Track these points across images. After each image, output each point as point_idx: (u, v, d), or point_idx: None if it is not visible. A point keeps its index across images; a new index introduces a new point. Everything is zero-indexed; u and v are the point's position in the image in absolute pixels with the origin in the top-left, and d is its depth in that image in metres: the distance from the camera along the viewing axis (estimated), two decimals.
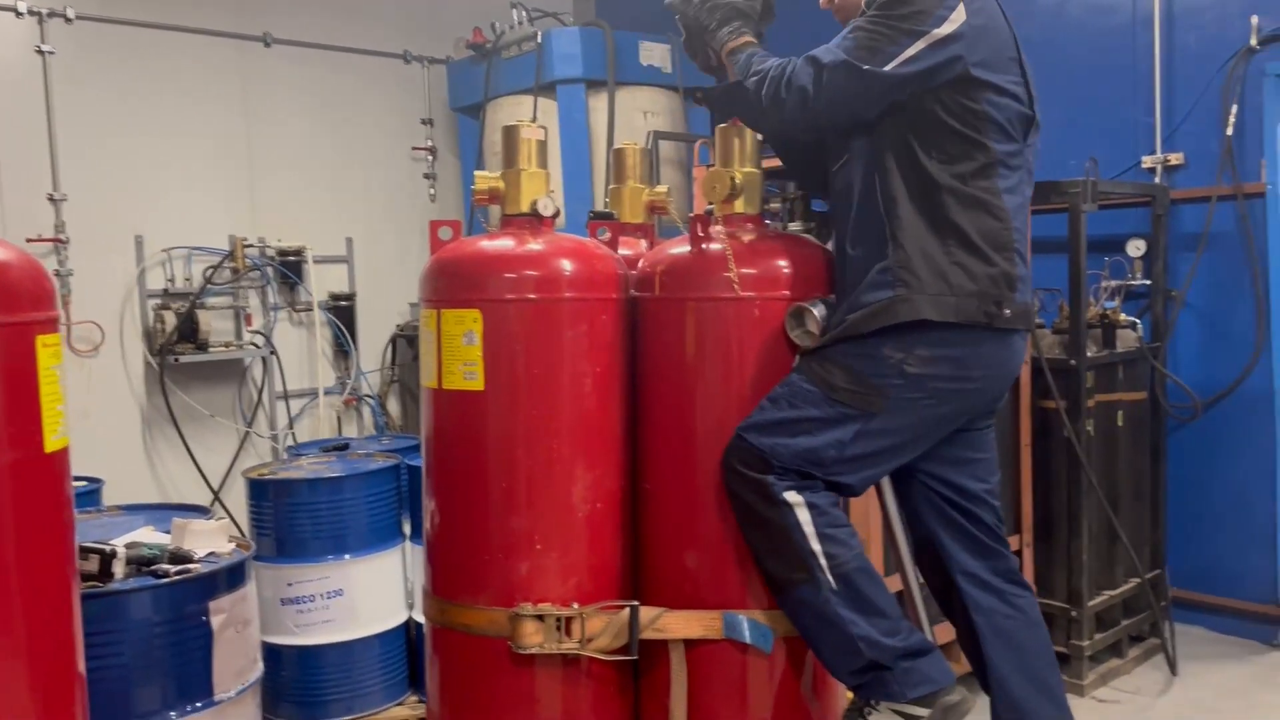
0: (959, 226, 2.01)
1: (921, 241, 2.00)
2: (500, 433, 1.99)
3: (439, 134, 6.21)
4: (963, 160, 2.02)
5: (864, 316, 2.01)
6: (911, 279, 1.99)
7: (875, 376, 2.01)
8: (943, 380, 2.02)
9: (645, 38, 5.47)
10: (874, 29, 2.00)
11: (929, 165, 2.03)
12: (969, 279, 2.00)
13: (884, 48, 1.99)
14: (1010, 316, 2.01)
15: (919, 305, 1.98)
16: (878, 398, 2.00)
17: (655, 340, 2.07)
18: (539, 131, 2.09)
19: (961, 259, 2.01)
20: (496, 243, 2.05)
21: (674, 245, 2.10)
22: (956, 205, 2.01)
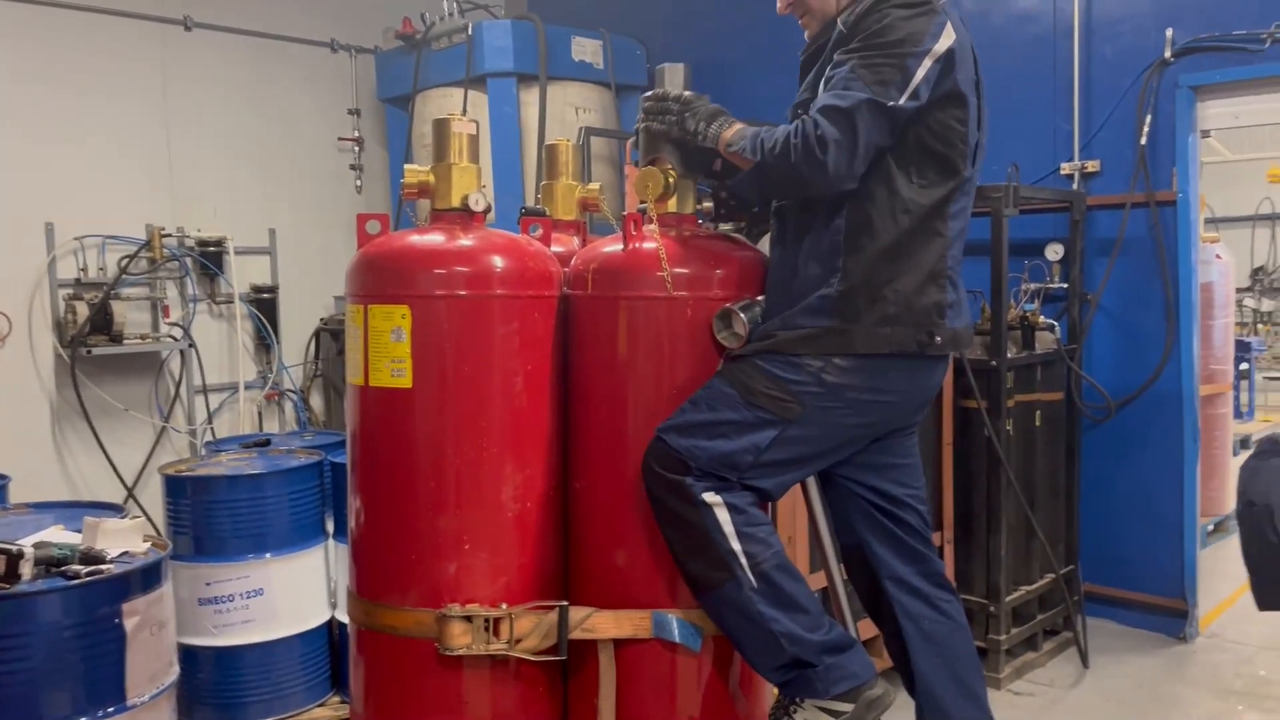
0: (911, 257, 2.03)
1: (870, 273, 2.01)
2: (429, 431, 1.96)
3: (366, 125, 6.11)
4: (938, 185, 2.05)
5: (796, 339, 2.02)
6: (850, 311, 2.01)
7: (794, 384, 2.01)
8: (861, 392, 2.04)
9: (578, 33, 5.45)
10: (877, 62, 1.98)
11: (905, 190, 2.04)
12: (906, 310, 2.02)
13: (894, 78, 1.97)
14: (940, 344, 2.04)
15: (853, 338, 2.01)
16: (795, 405, 2.01)
17: (587, 339, 2.06)
18: (470, 126, 2.06)
19: (904, 290, 2.02)
20: (426, 238, 2.02)
21: (607, 244, 2.09)
22: (918, 234, 2.04)
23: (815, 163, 1.96)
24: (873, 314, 2.01)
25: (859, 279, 2.01)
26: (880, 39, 1.99)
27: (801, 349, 2.01)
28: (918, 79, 1.98)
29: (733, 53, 5.61)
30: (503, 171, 5.20)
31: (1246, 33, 4.23)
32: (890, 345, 2.01)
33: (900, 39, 1.98)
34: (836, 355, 2.00)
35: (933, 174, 2.05)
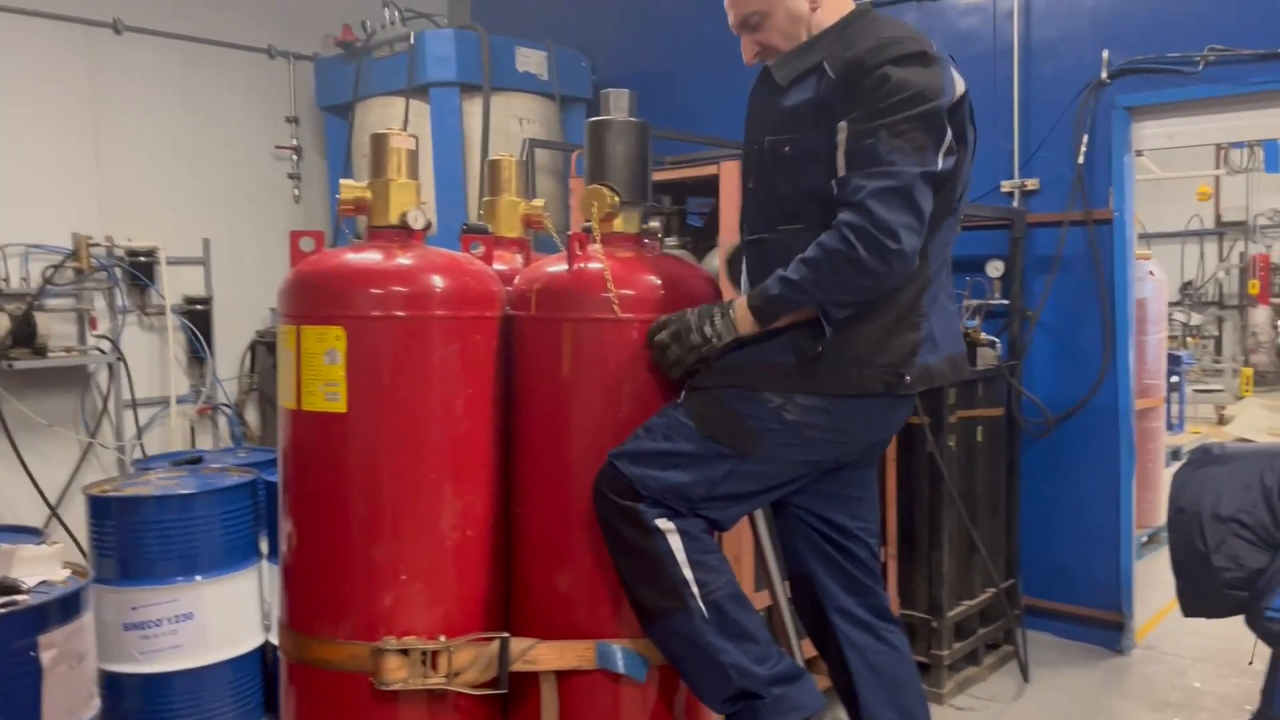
0: (891, 297, 1.97)
1: (847, 320, 1.94)
2: (363, 457, 1.88)
3: (305, 133, 5.99)
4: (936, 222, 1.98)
5: (761, 374, 1.96)
6: (814, 350, 1.95)
7: (752, 418, 1.96)
8: (821, 431, 1.99)
9: (522, 43, 5.39)
10: (906, 128, 1.87)
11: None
12: (877, 350, 1.97)
13: (927, 142, 1.88)
14: (910, 384, 1.98)
15: (820, 381, 1.95)
16: (753, 440, 1.96)
17: (530, 361, 2.00)
18: (410, 140, 2.00)
19: (873, 331, 1.97)
20: (363, 256, 1.95)
21: (551, 263, 2.04)
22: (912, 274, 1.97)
23: (890, 255, 1.84)
24: (841, 356, 1.95)
25: (840, 329, 1.94)
26: (895, 99, 1.88)
27: (764, 385, 1.96)
28: (949, 139, 1.92)
29: (678, 65, 5.60)
30: (445, 183, 5.12)
31: (1180, 55, 4.32)
32: (857, 387, 1.96)
33: (919, 97, 1.88)
34: (798, 393, 1.95)
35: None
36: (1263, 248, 12.82)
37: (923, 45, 1.95)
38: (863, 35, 1.97)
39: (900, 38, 1.95)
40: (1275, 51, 4.19)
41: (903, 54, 1.91)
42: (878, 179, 1.85)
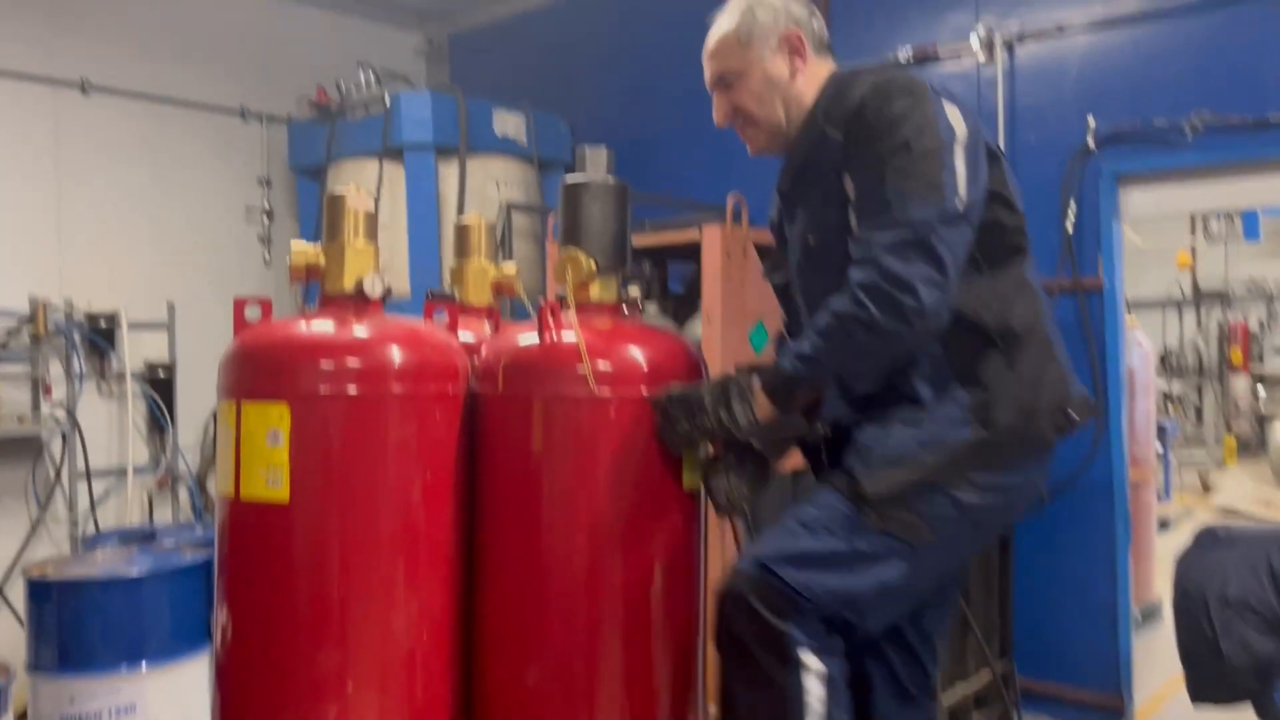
0: (1026, 340, 1.80)
1: (998, 366, 1.77)
2: (308, 552, 1.68)
3: (277, 195, 5.86)
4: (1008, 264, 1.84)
5: (942, 463, 1.74)
6: (997, 415, 1.76)
7: (928, 504, 1.74)
8: (995, 511, 1.81)
9: (500, 106, 5.31)
10: (908, 167, 1.71)
11: (984, 269, 1.80)
12: (1045, 391, 1.79)
13: (939, 175, 1.70)
14: (1076, 419, 1.82)
15: (1005, 446, 1.76)
16: (929, 530, 1.74)
17: (497, 442, 1.81)
18: (367, 201, 1.84)
19: (1030, 370, 1.79)
20: (313, 326, 1.77)
21: (521, 333, 1.87)
22: (1014, 315, 1.81)
23: (909, 312, 1.66)
24: (1014, 409, 1.76)
25: (993, 376, 1.77)
26: (898, 137, 1.72)
27: (959, 472, 1.75)
28: (960, 169, 1.73)
29: (659, 129, 5.52)
30: (419, 247, 4.99)
31: (1167, 121, 4.25)
32: (1033, 444, 1.79)
33: (925, 130, 1.72)
34: (981, 475, 1.76)
35: (997, 247, 1.84)
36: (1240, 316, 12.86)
37: (919, 81, 1.83)
38: (856, 86, 1.84)
39: (895, 76, 1.83)
40: (1265, 119, 4.14)
41: (900, 89, 1.78)
42: (890, 229, 1.69)
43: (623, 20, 5.86)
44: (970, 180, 1.74)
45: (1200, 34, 4.31)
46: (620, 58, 5.77)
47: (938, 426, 1.76)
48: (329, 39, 6.05)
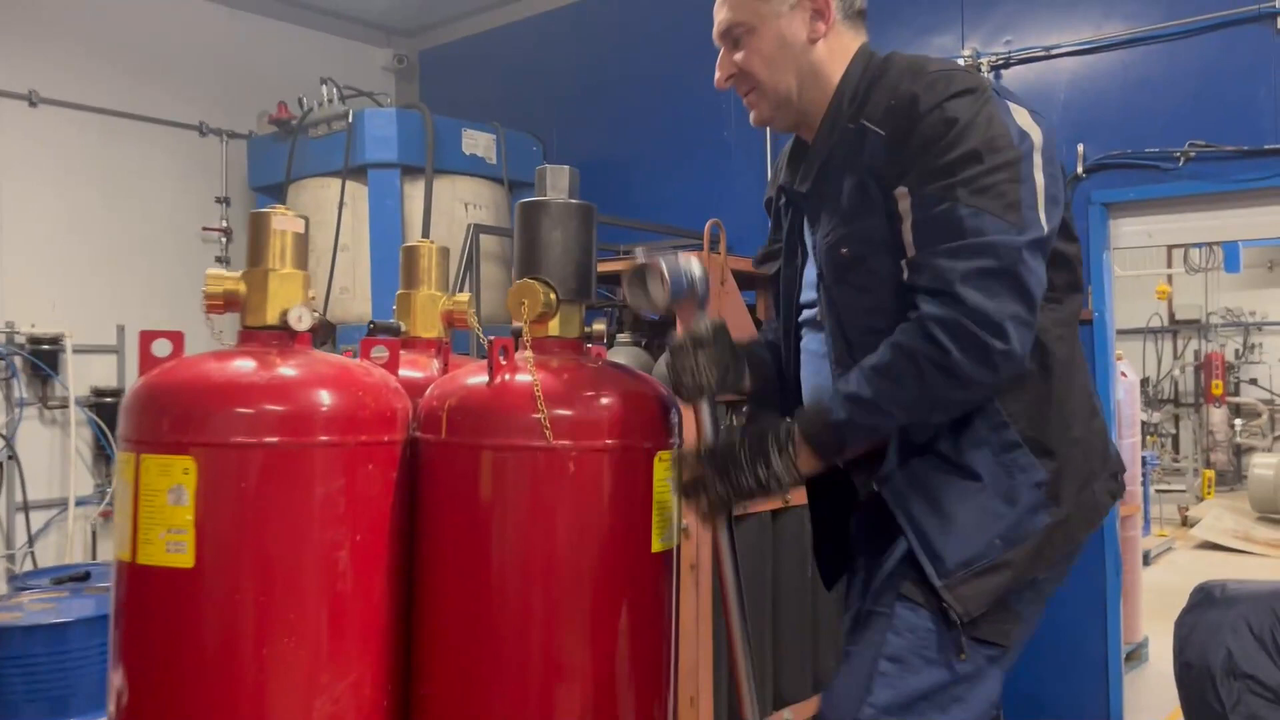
0: (1078, 392, 1.61)
1: (1059, 427, 1.57)
2: (215, 628, 1.44)
3: (236, 214, 5.62)
4: (1065, 301, 1.62)
5: (1029, 556, 1.53)
6: (1064, 491, 1.56)
7: (1017, 602, 1.55)
8: (1057, 581, 1.63)
9: (469, 125, 5.11)
10: (989, 183, 1.45)
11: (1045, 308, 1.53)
12: (1097, 459, 1.62)
13: (1018, 194, 1.46)
14: (1123, 485, 1.68)
15: (1074, 526, 1.56)
16: (1015, 624, 1.55)
17: (440, 497, 1.58)
18: (296, 222, 1.62)
19: (1083, 430, 1.60)
20: (228, 365, 1.54)
21: (469, 374, 1.64)
22: (1069, 363, 1.61)
23: (996, 356, 1.42)
24: (1076, 481, 1.57)
25: (1060, 446, 1.56)
26: (969, 146, 1.46)
27: (1042, 564, 1.56)
28: (1040, 182, 1.48)
29: (635, 152, 5.35)
30: (381, 270, 4.77)
31: (1159, 151, 4.12)
32: (1095, 513, 1.61)
33: (999, 141, 1.48)
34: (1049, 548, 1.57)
35: (1059, 285, 1.60)
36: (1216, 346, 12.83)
37: (979, 76, 1.60)
38: (899, 74, 1.58)
39: (951, 69, 1.57)
40: (1260, 149, 4.00)
41: (961, 85, 1.52)
42: (968, 257, 1.43)
43: (599, 40, 5.69)
44: (1051, 198, 1.51)
45: (1192, 60, 4.18)
46: (596, 78, 5.60)
47: (1012, 512, 1.54)
48: (296, 54, 5.85)
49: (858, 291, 1.61)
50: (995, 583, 1.52)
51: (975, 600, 1.51)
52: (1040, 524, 1.54)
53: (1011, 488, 1.54)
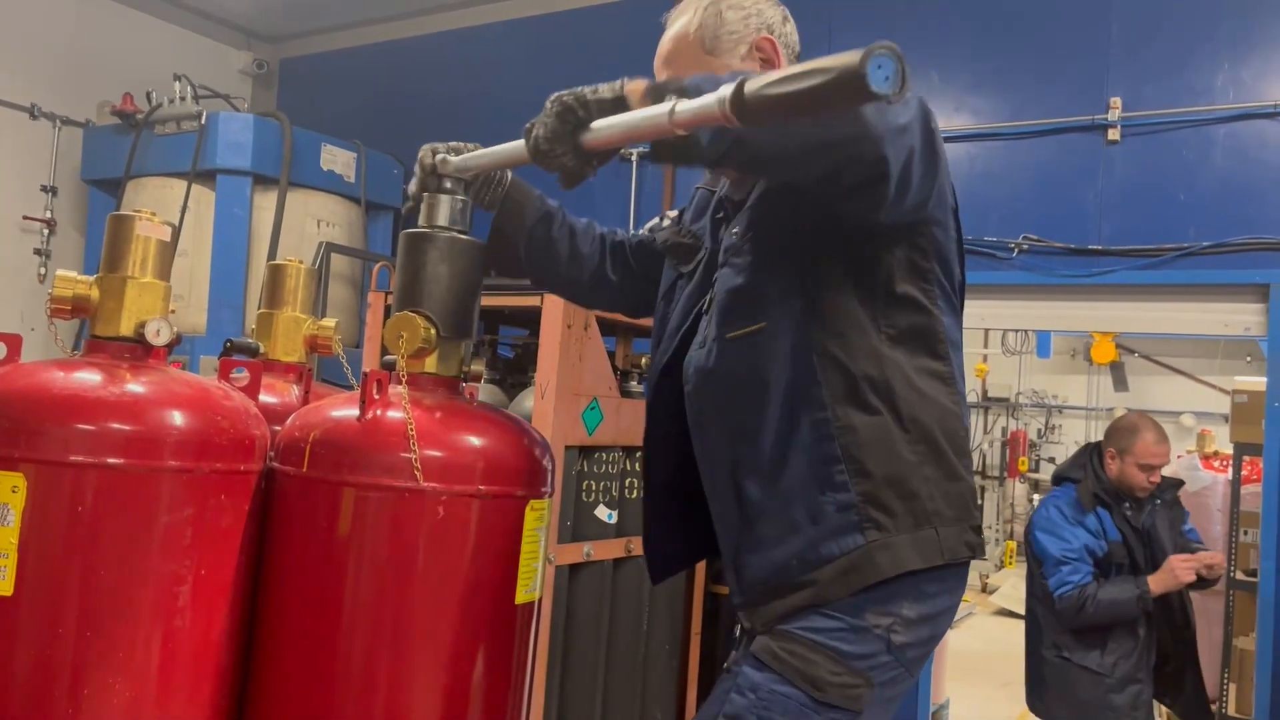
0: (925, 430, 1.54)
1: (888, 458, 1.52)
2: (31, 664, 1.30)
3: (63, 206, 5.25)
4: (914, 336, 1.56)
5: (835, 576, 1.49)
6: (883, 516, 1.50)
7: (863, 658, 1.49)
8: (920, 647, 1.55)
9: (330, 140, 4.96)
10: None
11: (878, 342, 1.52)
12: (945, 502, 1.54)
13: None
14: (981, 542, 1.62)
15: (900, 552, 1.49)
16: (867, 688, 1.48)
17: (294, 535, 1.48)
18: (163, 230, 1.51)
19: (932, 475, 1.53)
20: (73, 376, 1.41)
21: (337, 405, 1.56)
22: (916, 399, 1.55)
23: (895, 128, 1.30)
24: (909, 513, 1.52)
25: (878, 468, 1.52)
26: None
27: (852, 587, 1.49)
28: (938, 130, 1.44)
29: None
30: (223, 281, 4.54)
31: (996, 240, 4.39)
32: (944, 554, 1.54)
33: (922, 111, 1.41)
34: (904, 606, 1.51)
35: (902, 318, 1.54)
36: (1022, 424, 13.71)
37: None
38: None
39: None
40: (1084, 248, 4.33)
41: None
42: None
43: (471, 63, 5.64)
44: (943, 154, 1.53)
45: (1031, 159, 4.49)
46: (465, 103, 5.54)
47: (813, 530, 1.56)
48: (147, 45, 5.54)
49: (736, 271, 1.62)
50: (793, 605, 1.52)
51: (788, 626, 1.52)
52: (842, 548, 1.51)
53: (818, 505, 1.53)
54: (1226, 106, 4.19)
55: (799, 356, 1.55)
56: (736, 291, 1.61)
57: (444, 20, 5.78)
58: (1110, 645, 3.66)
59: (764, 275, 1.59)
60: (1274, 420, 4.13)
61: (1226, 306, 4.27)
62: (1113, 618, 3.62)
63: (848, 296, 1.55)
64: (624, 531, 3.23)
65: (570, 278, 1.90)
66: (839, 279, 1.55)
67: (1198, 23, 4.26)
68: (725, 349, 1.61)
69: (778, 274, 1.57)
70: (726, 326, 1.60)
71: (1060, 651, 3.72)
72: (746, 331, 1.58)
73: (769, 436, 1.56)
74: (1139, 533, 3.77)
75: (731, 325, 1.59)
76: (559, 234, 1.84)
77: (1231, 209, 4.16)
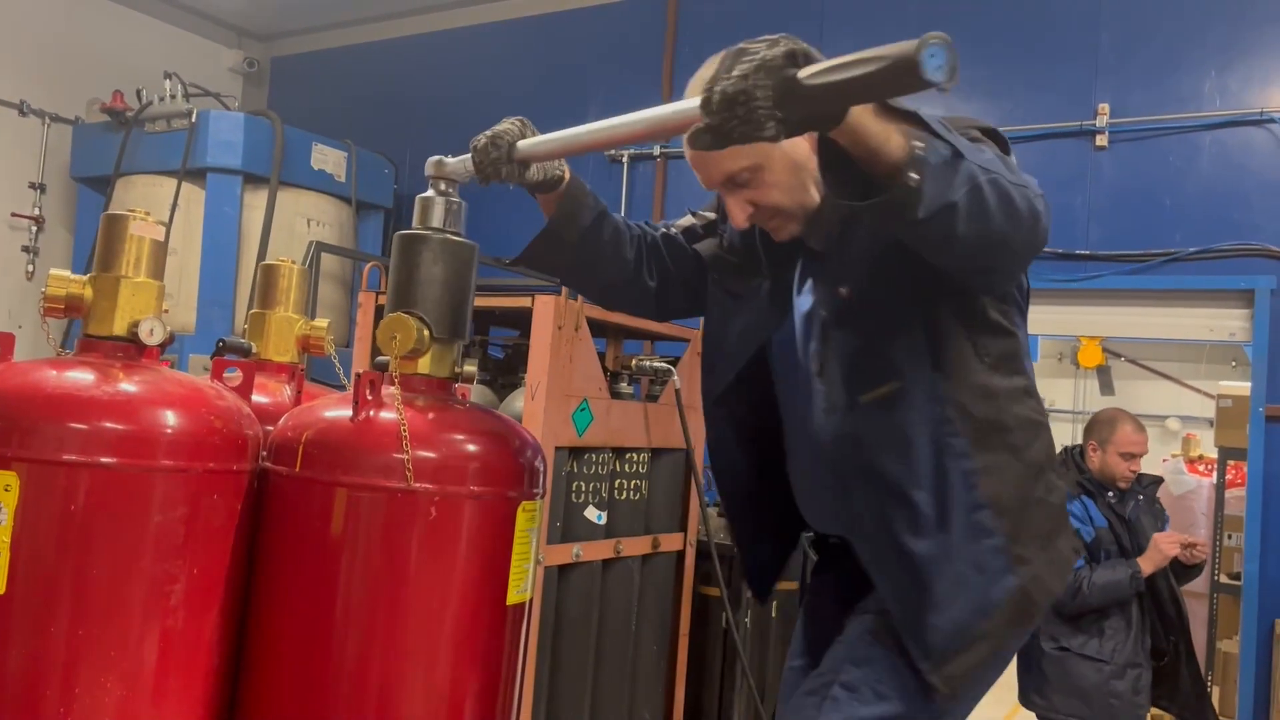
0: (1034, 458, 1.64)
1: (1015, 493, 1.60)
2: (22, 662, 1.31)
3: (52, 203, 5.24)
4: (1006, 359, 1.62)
5: (1005, 623, 1.58)
6: (1024, 550, 1.59)
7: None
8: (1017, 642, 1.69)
9: (321, 140, 4.96)
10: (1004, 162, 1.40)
11: (985, 377, 1.58)
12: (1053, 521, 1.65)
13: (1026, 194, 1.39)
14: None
15: (1045, 582, 1.60)
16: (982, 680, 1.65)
17: (287, 535, 1.49)
18: (157, 229, 1.51)
19: (1043, 498, 1.63)
20: (66, 375, 1.41)
21: (330, 405, 1.57)
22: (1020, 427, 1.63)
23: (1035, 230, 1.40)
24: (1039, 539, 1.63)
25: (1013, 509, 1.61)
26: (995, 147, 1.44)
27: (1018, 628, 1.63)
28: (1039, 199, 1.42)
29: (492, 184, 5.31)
30: (212, 279, 4.53)
31: None
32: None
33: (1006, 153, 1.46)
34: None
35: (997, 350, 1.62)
36: None
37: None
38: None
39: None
40: (1073, 253, 4.36)
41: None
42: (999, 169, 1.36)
43: (462, 63, 5.64)
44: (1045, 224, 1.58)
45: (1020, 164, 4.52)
46: (454, 105, 5.55)
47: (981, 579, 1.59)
48: (137, 42, 5.54)
49: (855, 333, 1.63)
50: (977, 656, 1.58)
51: (959, 678, 1.58)
52: (1003, 592, 1.58)
53: (978, 553, 1.57)
54: (1213, 114, 4.22)
55: (933, 408, 1.58)
56: (862, 354, 1.62)
57: (435, 20, 5.78)
58: (1107, 631, 3.71)
59: (888, 335, 1.61)
60: (1258, 425, 4.17)
61: (1212, 311, 4.31)
62: (1107, 599, 3.68)
63: (960, 341, 1.60)
64: (613, 532, 3.24)
65: (608, 282, 1.87)
66: (952, 326, 1.60)
67: (1185, 31, 4.29)
68: (861, 412, 1.62)
69: (902, 332, 1.60)
70: (859, 390, 1.61)
71: (1058, 642, 3.76)
72: (881, 393, 1.60)
73: (924, 493, 1.58)
74: (1124, 521, 3.83)
75: (864, 388, 1.61)
76: (609, 237, 1.80)
77: (1217, 215, 4.20)
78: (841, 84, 1.12)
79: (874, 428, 1.60)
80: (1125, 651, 3.72)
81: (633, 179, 5.15)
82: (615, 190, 5.15)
